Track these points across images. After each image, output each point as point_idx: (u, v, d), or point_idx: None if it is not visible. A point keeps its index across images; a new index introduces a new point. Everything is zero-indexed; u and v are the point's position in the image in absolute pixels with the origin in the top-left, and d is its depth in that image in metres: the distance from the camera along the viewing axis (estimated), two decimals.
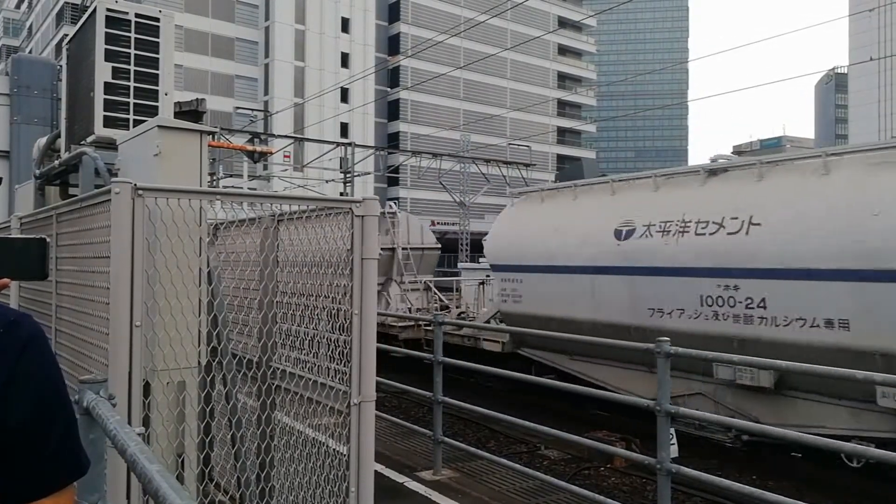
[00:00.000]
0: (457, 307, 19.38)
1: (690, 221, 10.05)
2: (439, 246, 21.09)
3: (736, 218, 9.46)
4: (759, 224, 9.22)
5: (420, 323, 15.69)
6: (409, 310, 18.13)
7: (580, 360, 11.88)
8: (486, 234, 15.99)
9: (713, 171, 10.44)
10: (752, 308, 9.14)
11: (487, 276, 18.04)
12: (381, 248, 13.32)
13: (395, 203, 18.80)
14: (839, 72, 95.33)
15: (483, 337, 13.99)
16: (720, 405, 9.75)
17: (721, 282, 9.47)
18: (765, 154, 11.66)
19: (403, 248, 18.92)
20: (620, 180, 11.96)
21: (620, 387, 10.74)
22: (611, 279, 11.04)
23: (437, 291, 19.38)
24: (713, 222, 9.76)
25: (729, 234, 9.48)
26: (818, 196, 8.78)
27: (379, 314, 13.89)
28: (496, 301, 14.52)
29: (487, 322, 14.49)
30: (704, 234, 9.79)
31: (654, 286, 10.38)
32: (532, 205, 13.61)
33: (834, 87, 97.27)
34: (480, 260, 26.11)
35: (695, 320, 9.80)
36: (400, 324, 16.00)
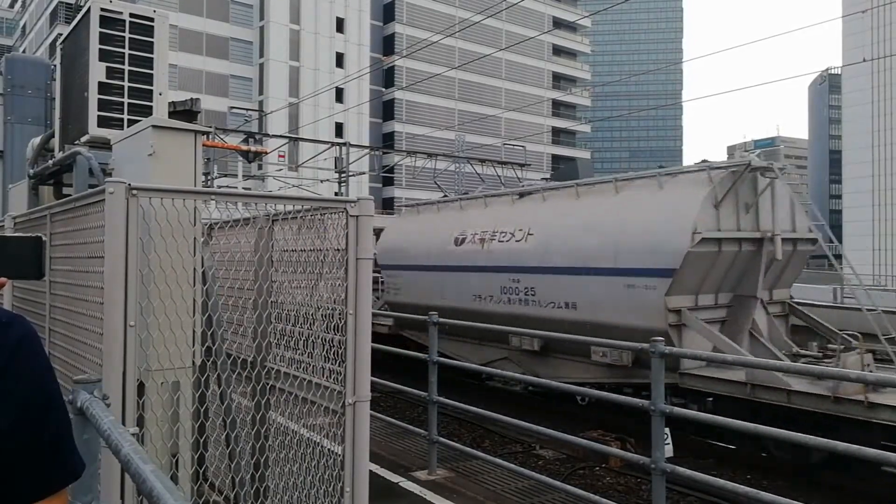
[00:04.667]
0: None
1: (497, 232, 13.62)
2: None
3: (521, 230, 13.07)
4: (532, 234, 12.79)
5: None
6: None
7: (446, 339, 14.31)
8: None
9: (521, 194, 14.39)
10: (528, 295, 12.73)
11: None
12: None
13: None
14: (833, 72, 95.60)
15: (376, 322, 15.50)
16: (516, 364, 13.03)
17: (511, 276, 13.03)
18: (570, 179, 15.52)
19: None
20: (464, 199, 16.13)
21: (467, 356, 14.14)
22: (451, 275, 14.63)
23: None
24: (509, 233, 13.32)
25: (516, 241, 13.08)
26: (570, 215, 12.36)
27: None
28: (385, 294, 17.42)
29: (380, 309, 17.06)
30: (504, 241, 13.38)
31: (475, 280, 13.95)
32: (412, 217, 17.65)
33: (827, 87, 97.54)
34: None
35: (497, 304, 13.39)
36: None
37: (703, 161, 12.00)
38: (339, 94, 59.53)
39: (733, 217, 10.83)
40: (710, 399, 10.23)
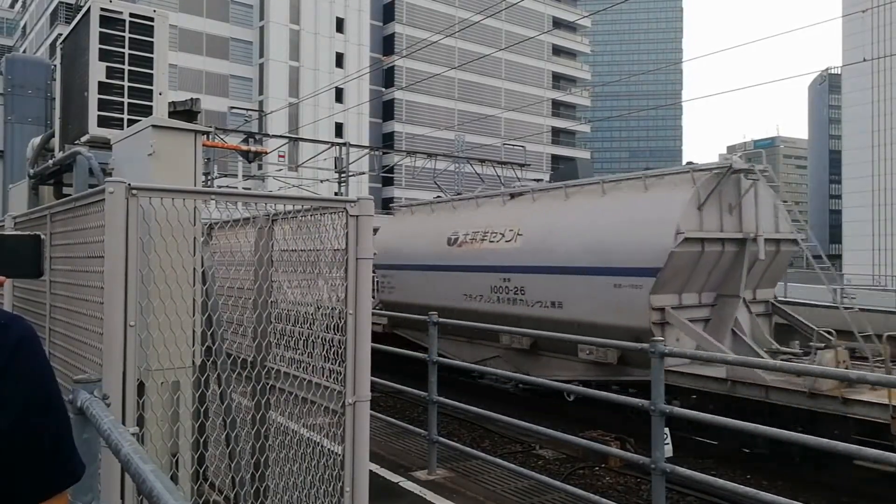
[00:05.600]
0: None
1: (489, 232, 13.78)
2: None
3: (511, 230, 13.27)
4: (522, 234, 13.00)
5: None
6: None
7: (442, 339, 13.48)
8: None
9: (512, 195, 14.49)
10: (517, 294, 12.93)
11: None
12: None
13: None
14: (832, 72, 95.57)
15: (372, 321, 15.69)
16: (505, 362, 13.25)
17: (501, 276, 13.25)
18: (563, 181, 15.14)
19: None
20: (456, 200, 16.23)
21: (459, 354, 14.22)
22: (443, 274, 14.76)
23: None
24: (499, 233, 13.49)
25: (506, 241, 13.27)
26: (560, 215, 12.65)
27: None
28: (379, 293, 17.21)
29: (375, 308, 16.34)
30: (494, 241, 13.57)
31: (467, 279, 14.15)
32: (406, 217, 17.61)
33: (827, 87, 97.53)
34: None
35: (487, 303, 13.57)
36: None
37: (689, 164, 12.18)
38: (339, 95, 59.49)
39: (717, 218, 11.07)
40: (695, 396, 10.41)
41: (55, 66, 6.43)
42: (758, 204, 11.47)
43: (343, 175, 33.39)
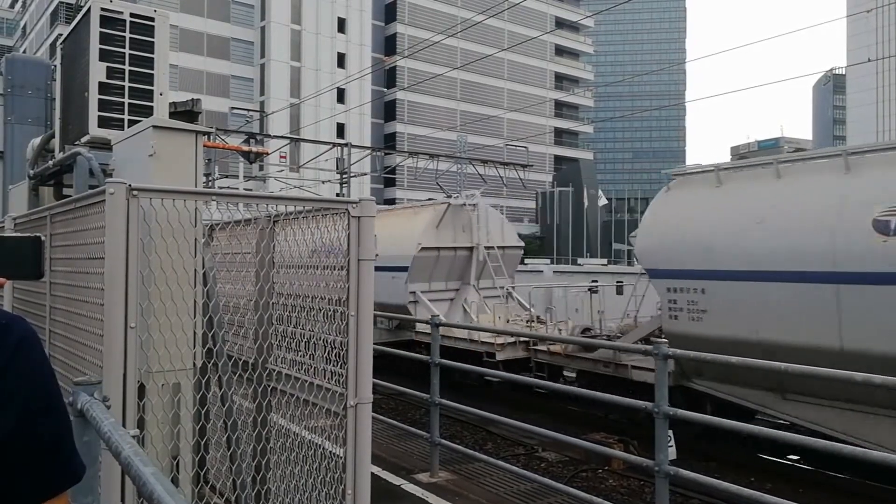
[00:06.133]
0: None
1: None
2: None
3: None
4: None
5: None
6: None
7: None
8: None
9: None
10: None
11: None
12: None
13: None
14: (837, 73, 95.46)
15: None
16: None
17: None
18: None
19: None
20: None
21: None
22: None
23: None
24: None
25: None
26: None
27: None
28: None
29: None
30: None
31: None
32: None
33: (832, 88, 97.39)
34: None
35: None
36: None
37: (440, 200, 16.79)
38: (341, 95, 59.56)
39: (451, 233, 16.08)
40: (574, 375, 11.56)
41: (55, 66, 6.42)
42: (485, 222, 16.35)
43: (345, 176, 33.39)
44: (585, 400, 12.11)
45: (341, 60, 61.79)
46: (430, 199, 19.71)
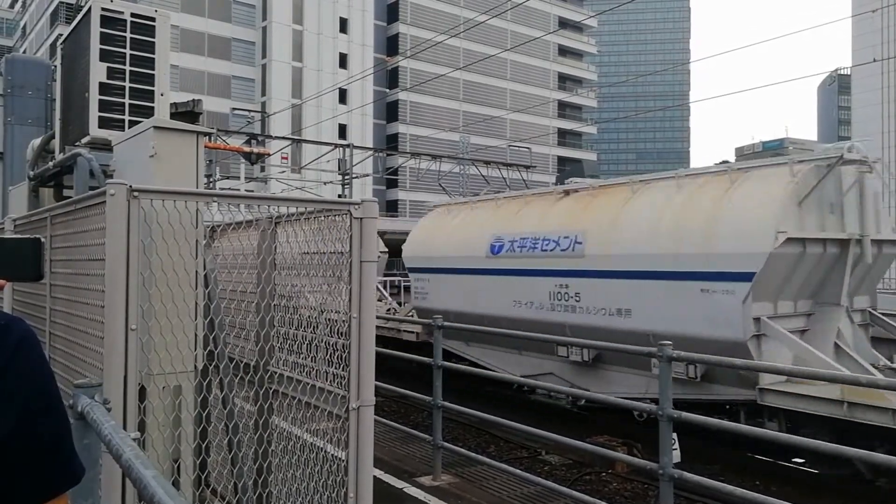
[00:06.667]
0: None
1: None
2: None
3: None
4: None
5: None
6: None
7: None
8: None
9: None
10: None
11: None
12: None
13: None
14: (842, 73, 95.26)
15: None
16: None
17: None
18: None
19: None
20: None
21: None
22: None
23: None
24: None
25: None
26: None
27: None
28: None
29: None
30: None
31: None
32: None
33: (837, 88, 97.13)
34: None
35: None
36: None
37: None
38: (343, 96, 59.56)
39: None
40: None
41: (55, 66, 6.40)
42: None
43: (347, 177, 33.39)
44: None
45: (343, 61, 61.79)
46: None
